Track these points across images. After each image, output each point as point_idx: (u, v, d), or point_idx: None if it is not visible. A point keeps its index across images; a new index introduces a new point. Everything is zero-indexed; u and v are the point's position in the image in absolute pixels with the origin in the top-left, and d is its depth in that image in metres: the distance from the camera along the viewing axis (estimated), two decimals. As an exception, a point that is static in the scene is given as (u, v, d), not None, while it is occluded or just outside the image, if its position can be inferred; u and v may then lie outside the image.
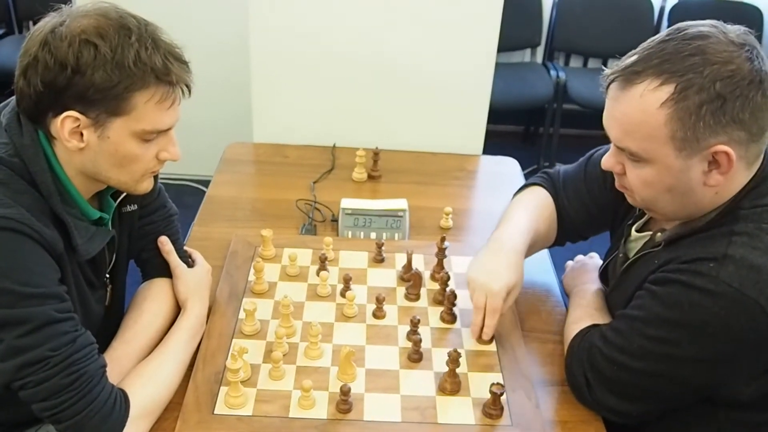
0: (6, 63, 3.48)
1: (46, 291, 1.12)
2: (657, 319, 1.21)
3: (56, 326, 1.12)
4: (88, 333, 1.18)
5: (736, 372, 1.20)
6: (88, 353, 1.15)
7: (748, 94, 1.11)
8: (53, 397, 1.11)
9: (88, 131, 1.15)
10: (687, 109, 1.11)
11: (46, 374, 1.10)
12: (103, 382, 1.16)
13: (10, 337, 1.09)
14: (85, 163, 1.20)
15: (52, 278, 1.15)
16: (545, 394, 1.38)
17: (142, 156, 1.21)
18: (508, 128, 4.29)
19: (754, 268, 1.13)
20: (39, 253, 1.13)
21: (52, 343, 1.11)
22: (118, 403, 1.17)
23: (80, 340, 1.14)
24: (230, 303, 1.53)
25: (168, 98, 1.17)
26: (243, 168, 2.15)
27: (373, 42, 2.14)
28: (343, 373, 1.35)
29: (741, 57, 1.12)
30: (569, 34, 3.99)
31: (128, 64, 1.11)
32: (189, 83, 1.21)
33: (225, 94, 3.18)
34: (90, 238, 1.24)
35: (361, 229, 1.79)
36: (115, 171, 1.22)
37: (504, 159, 2.27)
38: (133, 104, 1.14)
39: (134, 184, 1.26)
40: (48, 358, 1.10)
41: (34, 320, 1.09)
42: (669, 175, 1.18)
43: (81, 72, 1.10)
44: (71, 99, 1.12)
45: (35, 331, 1.09)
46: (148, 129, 1.18)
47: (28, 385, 1.11)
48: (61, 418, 1.13)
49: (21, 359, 1.09)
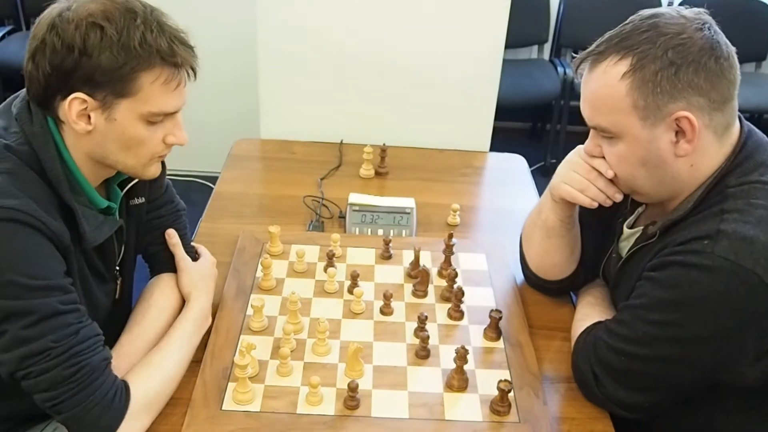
0: (13, 59, 3.49)
1: (51, 283, 1.13)
2: (659, 302, 1.22)
3: (60, 318, 1.13)
4: (93, 324, 1.19)
5: (742, 349, 1.20)
6: (91, 345, 1.16)
7: (700, 60, 1.18)
8: (54, 388, 1.12)
9: (96, 113, 1.17)
10: (644, 78, 1.20)
11: (47, 365, 1.11)
12: (105, 375, 1.17)
13: (14, 328, 1.10)
14: (93, 147, 1.21)
15: (58, 270, 1.15)
16: (553, 390, 1.38)
17: (148, 139, 1.22)
18: (515, 125, 4.28)
19: (747, 239, 1.16)
20: (45, 245, 1.14)
21: (55, 335, 1.12)
22: (118, 396, 1.18)
23: (83, 332, 1.15)
24: (238, 299, 1.53)
25: (173, 79, 1.19)
26: (250, 164, 2.15)
27: (381, 39, 2.14)
28: (351, 369, 1.36)
29: (692, 27, 1.20)
30: (576, 30, 3.97)
31: (134, 46, 1.13)
32: (194, 66, 1.23)
33: (233, 91, 3.19)
34: (98, 227, 1.25)
35: (368, 226, 1.80)
36: (123, 154, 1.23)
37: (511, 156, 2.27)
38: (138, 85, 1.16)
39: (141, 168, 1.27)
40: (50, 349, 1.11)
41: (38, 312, 1.11)
42: (639, 147, 1.25)
43: (88, 54, 1.12)
44: (78, 81, 1.14)
45: (39, 322, 1.11)
46: (154, 111, 1.19)
47: (30, 376, 1.12)
48: (61, 409, 1.14)
49: (24, 350, 1.10)
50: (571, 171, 1.40)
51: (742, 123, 1.29)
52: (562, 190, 1.42)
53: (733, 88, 1.23)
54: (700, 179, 1.26)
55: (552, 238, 1.51)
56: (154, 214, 1.49)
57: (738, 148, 1.26)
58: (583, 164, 1.38)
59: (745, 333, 1.19)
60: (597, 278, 1.57)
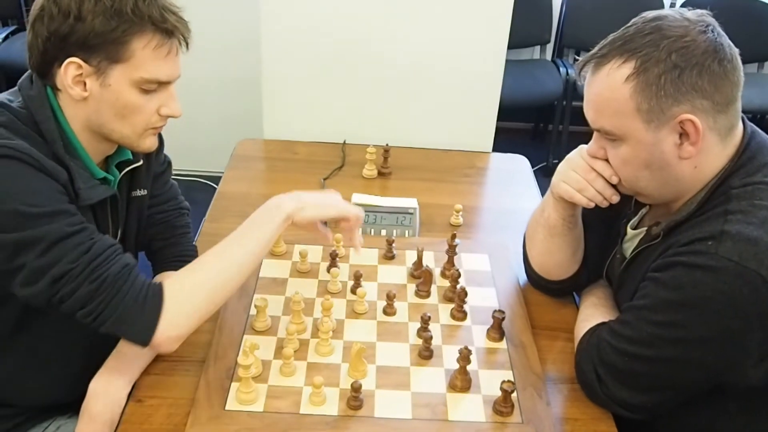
0: (17, 59, 3.49)
1: (53, 209, 1.16)
2: (663, 303, 1.22)
3: (70, 240, 1.16)
4: (105, 238, 1.22)
5: (746, 350, 1.20)
6: (108, 257, 1.19)
7: (704, 62, 1.18)
8: (87, 305, 1.18)
9: (91, 79, 1.22)
10: (648, 81, 1.20)
11: (72, 286, 1.16)
12: (131, 280, 1.20)
13: (29, 259, 1.14)
14: (90, 115, 1.25)
15: (58, 198, 1.19)
16: (556, 391, 1.38)
17: (143, 107, 1.26)
18: (518, 125, 4.28)
19: (751, 240, 1.16)
20: (42, 178, 1.17)
21: (70, 256, 1.16)
22: (149, 297, 1.21)
23: (96, 248, 1.18)
24: (241, 299, 1.53)
25: (164, 45, 1.23)
26: (253, 164, 2.15)
27: (384, 39, 2.14)
28: (354, 369, 1.36)
29: (695, 30, 1.20)
30: (579, 31, 3.98)
31: (126, 11, 1.19)
32: (186, 36, 1.27)
33: (236, 91, 3.19)
34: (91, 187, 1.28)
35: (371, 226, 1.80)
36: (118, 123, 1.26)
37: (514, 156, 2.27)
38: (131, 50, 1.20)
39: (137, 139, 1.30)
40: (69, 270, 1.15)
41: (46, 238, 1.14)
42: (643, 149, 1.24)
43: (82, 18, 1.18)
44: (74, 46, 1.19)
45: (51, 248, 1.14)
46: (146, 77, 1.23)
47: (64, 299, 1.17)
48: (100, 321, 1.19)
49: (48, 278, 1.15)
50: (570, 170, 1.40)
51: (745, 124, 1.29)
52: (561, 188, 1.42)
53: (737, 89, 1.23)
54: (704, 180, 1.26)
55: (554, 237, 1.51)
56: (158, 209, 1.50)
57: (741, 150, 1.26)
58: (582, 164, 1.38)
59: (749, 334, 1.19)
60: (600, 279, 1.57)
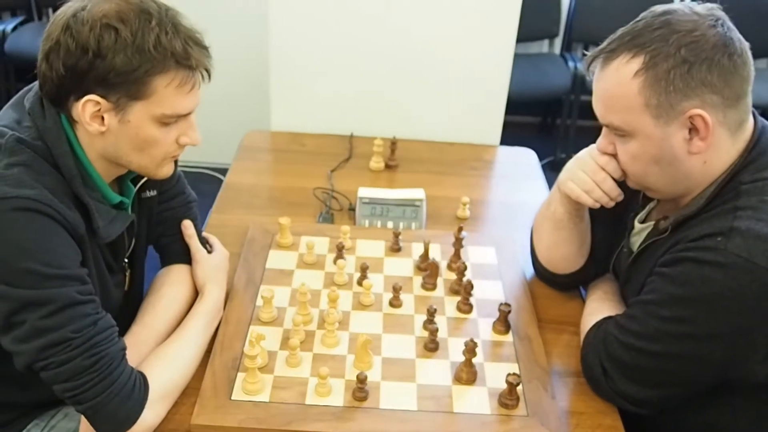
0: (26, 49, 3.50)
1: (68, 272, 1.13)
2: (670, 299, 1.22)
3: (78, 308, 1.13)
4: (108, 316, 1.19)
5: (753, 346, 1.20)
6: (109, 336, 1.16)
7: (714, 57, 1.18)
8: (74, 379, 1.12)
9: (109, 115, 1.17)
10: (657, 76, 1.19)
11: (68, 356, 1.11)
12: (123, 365, 1.17)
13: (32, 318, 1.10)
14: (107, 147, 1.21)
15: (74, 260, 1.16)
16: (561, 384, 1.38)
17: (162, 140, 1.22)
18: (526, 119, 4.27)
19: (761, 237, 1.15)
20: (61, 234, 1.14)
21: (74, 325, 1.12)
22: (137, 386, 1.18)
23: (101, 323, 1.16)
24: (248, 290, 1.53)
25: (188, 82, 1.18)
26: (261, 156, 2.16)
27: (392, 31, 2.14)
28: (360, 361, 1.36)
29: (705, 24, 1.19)
30: (587, 25, 3.96)
31: (148, 48, 1.12)
32: (209, 68, 1.22)
33: (244, 83, 3.19)
34: (110, 222, 1.25)
35: (378, 218, 1.80)
36: (136, 155, 1.23)
37: (521, 150, 2.27)
38: (153, 88, 1.15)
39: (155, 168, 1.27)
40: (70, 339, 1.11)
41: (56, 301, 1.10)
42: (652, 145, 1.24)
43: (102, 56, 1.11)
44: (92, 83, 1.13)
45: (58, 312, 1.11)
46: (167, 113, 1.19)
47: (50, 366, 1.12)
48: (82, 400, 1.14)
49: (44, 340, 1.10)
50: (579, 170, 1.40)
51: (756, 119, 1.28)
52: (568, 187, 1.42)
53: (747, 84, 1.22)
54: (714, 176, 1.25)
55: (560, 230, 1.50)
56: (166, 206, 1.49)
57: (752, 145, 1.25)
58: (592, 164, 1.37)
59: (757, 330, 1.18)
60: (607, 273, 1.56)
